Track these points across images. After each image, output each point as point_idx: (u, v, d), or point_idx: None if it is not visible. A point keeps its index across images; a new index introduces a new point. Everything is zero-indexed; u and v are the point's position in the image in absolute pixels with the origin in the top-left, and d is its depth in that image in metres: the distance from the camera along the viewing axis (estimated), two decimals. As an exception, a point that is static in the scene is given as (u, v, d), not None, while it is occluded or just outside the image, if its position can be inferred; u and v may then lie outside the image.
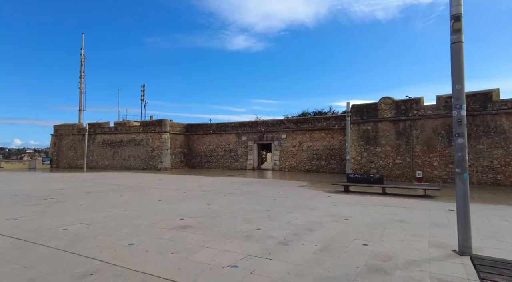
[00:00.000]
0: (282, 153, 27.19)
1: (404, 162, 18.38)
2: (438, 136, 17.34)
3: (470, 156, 16.26)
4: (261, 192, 12.40)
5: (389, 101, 19.36)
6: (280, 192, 12.42)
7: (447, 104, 17.24)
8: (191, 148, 32.72)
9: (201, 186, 14.86)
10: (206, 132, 31.85)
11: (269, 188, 14.05)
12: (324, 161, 25.08)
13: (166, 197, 11.00)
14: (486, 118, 16.03)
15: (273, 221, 7.04)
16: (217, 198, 10.86)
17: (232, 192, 12.38)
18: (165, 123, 29.72)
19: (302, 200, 10.43)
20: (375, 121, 19.76)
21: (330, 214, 7.86)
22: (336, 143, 24.76)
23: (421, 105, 18.13)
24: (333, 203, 9.82)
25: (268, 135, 28.12)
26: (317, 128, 25.55)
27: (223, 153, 30.59)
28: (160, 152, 29.16)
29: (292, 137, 26.81)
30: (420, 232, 6.10)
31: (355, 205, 9.42)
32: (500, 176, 15.41)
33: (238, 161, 29.56)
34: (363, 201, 10.26)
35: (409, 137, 18.33)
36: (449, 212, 8.18)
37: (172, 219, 7.29)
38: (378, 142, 19.49)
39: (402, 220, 7.14)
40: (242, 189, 13.61)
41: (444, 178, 16.91)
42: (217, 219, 7.29)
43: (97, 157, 31.88)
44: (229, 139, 30.47)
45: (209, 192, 12.38)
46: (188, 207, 9.01)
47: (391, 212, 8.27)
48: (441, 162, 17.11)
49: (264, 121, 28.90)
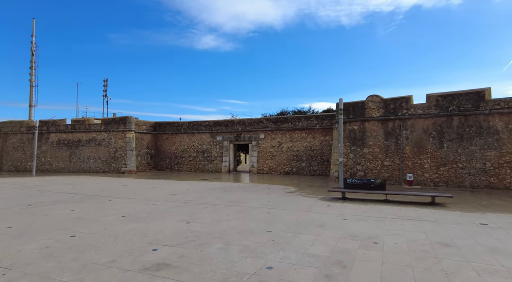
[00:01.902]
0: (260, 154, 25.40)
1: (393, 164, 17.34)
2: (429, 137, 16.46)
3: (462, 157, 15.50)
4: (248, 202, 10.47)
5: (377, 99, 18.28)
6: (270, 201, 10.57)
7: (438, 103, 16.41)
8: (159, 148, 29.93)
9: (174, 193, 12.62)
10: (176, 132, 29.25)
11: (255, 195, 12.15)
12: (305, 162, 23.65)
13: (132, 211, 8.71)
14: (478, 119, 15.34)
15: (283, 250, 5.16)
16: (197, 211, 8.77)
17: (213, 202, 10.32)
18: (130, 121, 26.75)
19: (301, 212, 8.66)
20: (362, 120, 18.59)
21: (350, 235, 6.14)
22: (317, 144, 23.44)
23: (411, 104, 17.19)
24: (339, 215, 8.15)
25: (246, 135, 26.20)
26: (298, 128, 24.08)
27: (196, 154, 28.21)
28: (124, 153, 26.16)
29: (271, 137, 25.12)
30: (486, 262, 4.54)
31: (368, 218, 7.81)
32: (494, 178, 14.75)
33: (212, 163, 27.35)
34: (371, 212, 8.71)
35: (398, 138, 17.33)
36: (487, 228, 6.81)
37: (141, 250, 5.16)
38: (366, 143, 18.33)
39: (446, 244, 5.58)
40: (224, 197, 11.58)
41: (435, 181, 16.03)
42: (204, 249, 5.27)
43: (51, 159, 28.08)
44: (202, 139, 28.15)
45: (186, 203, 10.23)
46: (162, 226, 6.87)
47: (418, 228, 6.74)
48: (432, 164, 16.23)
49: (241, 120, 26.95)
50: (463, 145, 15.54)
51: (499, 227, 6.91)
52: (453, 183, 15.57)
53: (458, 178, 15.47)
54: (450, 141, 15.88)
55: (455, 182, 15.53)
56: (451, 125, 15.93)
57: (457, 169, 15.57)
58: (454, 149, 15.74)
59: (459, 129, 15.72)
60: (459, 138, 15.68)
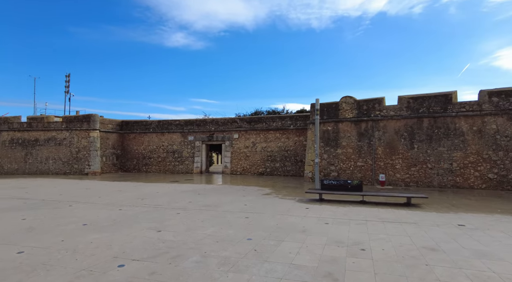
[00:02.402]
0: (234, 155, 24.84)
1: (366, 165, 17.55)
2: (401, 138, 16.83)
3: (431, 158, 15.98)
4: (224, 205, 9.92)
5: (351, 100, 18.43)
6: (246, 204, 10.09)
7: (409, 105, 16.82)
8: (126, 148, 28.39)
9: (142, 197, 11.75)
10: (144, 131, 27.89)
11: (230, 198, 11.62)
12: (279, 163, 23.45)
13: (95, 219, 7.85)
14: (446, 121, 15.89)
15: (268, 262, 4.70)
16: (169, 217, 8.09)
17: (186, 207, 9.66)
18: (94, 119, 25.06)
19: (280, 215, 8.27)
20: (336, 121, 18.67)
21: (335, 241, 5.83)
22: (291, 144, 23.33)
23: (383, 105, 17.50)
24: (320, 219, 7.86)
25: (219, 135, 25.51)
26: (272, 128, 23.82)
27: (165, 154, 27.06)
28: (87, 153, 24.45)
29: (245, 137, 24.66)
30: (476, 269, 4.38)
31: (349, 221, 7.58)
32: (459, 178, 15.34)
33: (183, 164, 26.37)
34: (351, 214, 8.52)
35: (371, 138, 17.57)
36: (465, 229, 6.80)
37: (105, 267, 4.47)
38: (339, 143, 18.42)
39: (432, 248, 5.41)
40: (197, 201, 10.93)
41: (406, 181, 16.41)
42: (179, 263, 4.68)
43: (3, 159, 25.61)
44: (172, 139, 27.06)
45: (155, 208, 9.47)
46: (129, 236, 6.15)
47: (401, 231, 6.58)
48: (403, 165, 16.60)
49: (214, 119, 26.23)
50: (432, 145, 16.04)
51: (476, 228, 6.94)
52: (422, 183, 16.01)
53: (428, 178, 15.94)
54: (420, 142, 16.32)
55: (424, 182, 15.98)
56: (421, 127, 16.39)
57: (426, 169, 16.03)
58: (424, 149, 16.20)
59: (428, 130, 16.20)
60: (428, 139, 16.15)
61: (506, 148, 14.66)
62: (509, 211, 9.28)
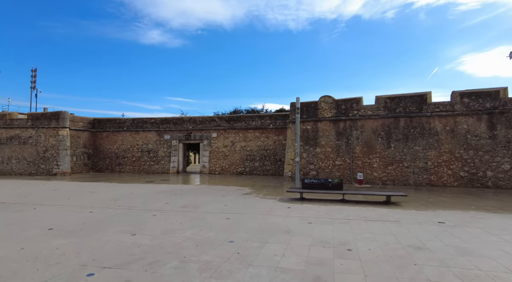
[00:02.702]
0: (212, 154, 24.34)
1: (344, 163, 17.71)
2: (378, 137, 17.11)
3: (407, 157, 16.35)
4: (203, 206, 9.53)
5: (330, 100, 18.53)
6: (227, 205, 9.76)
7: (386, 105, 17.13)
8: (98, 147, 27.10)
9: (115, 198, 11.10)
10: (118, 129, 26.74)
11: (209, 198, 11.23)
12: (258, 162, 23.24)
13: (62, 222, 7.23)
14: (422, 120, 16.32)
15: (252, 265, 4.41)
16: (144, 220, 7.61)
17: (162, 209, 9.18)
18: (63, 117, 23.68)
19: (262, 215, 8.02)
20: (315, 120, 18.71)
21: (320, 241, 5.64)
22: (271, 143, 23.19)
23: (361, 105, 17.72)
24: (302, 218, 7.68)
25: (197, 134, 24.91)
26: (251, 127, 23.56)
27: (140, 153, 26.09)
28: (56, 153, 23.05)
29: (224, 136, 24.23)
30: (463, 267, 4.33)
31: (332, 221, 7.46)
32: (433, 176, 15.80)
33: (159, 163, 25.53)
34: (333, 213, 8.42)
35: (349, 138, 17.74)
36: (445, 226, 6.85)
37: (71, 277, 4.00)
38: (318, 143, 18.47)
39: (418, 246, 5.35)
40: (174, 202, 10.46)
41: (383, 179, 16.70)
42: (156, 269, 4.29)
43: (-41, 159, 23.61)
44: (148, 138, 26.13)
45: (130, 210, 8.92)
46: (100, 241, 5.66)
47: (384, 230, 6.52)
48: (380, 163, 16.88)
49: (192, 118, 25.57)
50: (408, 145, 16.42)
51: (455, 225, 7.02)
52: (399, 181, 16.36)
53: (404, 177, 16.30)
54: (397, 141, 16.67)
55: (401, 180, 16.33)
56: (397, 126, 16.74)
57: (402, 168, 16.39)
58: (400, 148, 16.55)
59: (405, 130, 16.57)
60: (405, 138, 16.53)
61: (476, 147, 15.25)
62: (482, 207, 9.56)
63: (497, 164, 14.83)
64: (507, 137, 14.81)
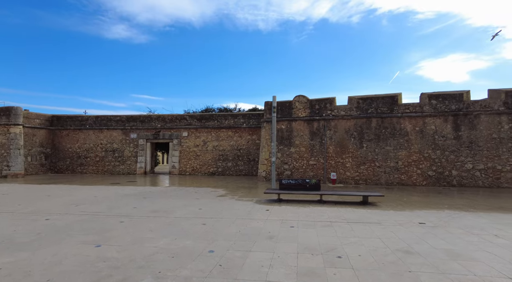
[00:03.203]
0: (183, 154, 23.40)
1: (318, 163, 17.70)
2: (351, 137, 17.28)
3: (379, 156, 16.65)
4: (176, 210, 8.87)
5: (304, 99, 18.45)
6: (201, 208, 9.17)
7: (359, 105, 17.34)
8: (57, 147, 25.08)
9: (77, 203, 10.07)
10: (80, 127, 24.92)
11: (182, 202, 10.54)
12: (231, 162, 22.69)
13: (11, 233, 6.27)
14: (393, 121, 16.70)
15: (238, 280, 3.94)
16: (110, 227, 6.83)
17: (130, 214, 8.39)
18: (15, 113, 21.55)
19: (241, 220, 7.54)
20: (290, 120, 18.54)
21: (307, 248, 5.29)
22: (244, 143, 22.74)
23: (334, 105, 17.80)
24: (284, 221, 7.32)
25: (166, 133, 23.82)
26: (224, 126, 22.95)
27: (104, 153, 24.49)
28: (7, 152, 20.91)
29: (195, 135, 23.39)
30: (458, 272, 4.17)
31: (314, 224, 7.17)
32: (404, 176, 16.22)
33: (125, 164, 24.13)
34: (313, 215, 8.15)
35: (323, 137, 17.75)
36: (427, 227, 6.81)
37: (19, 305, 3.28)
38: (292, 142, 18.31)
39: (406, 251, 5.17)
40: (143, 206, 9.67)
41: (356, 179, 16.89)
42: (126, 289, 3.68)
43: None
44: (113, 136, 24.59)
45: (93, 216, 8.05)
46: (57, 256, 4.88)
47: (369, 233, 6.33)
48: (353, 163, 17.06)
49: (161, 116, 24.42)
50: (380, 145, 16.72)
51: (435, 226, 7.02)
52: (371, 180, 16.62)
53: (376, 176, 16.58)
54: (369, 141, 16.92)
55: (373, 179, 16.60)
56: (370, 127, 17.00)
57: (374, 167, 16.66)
58: (372, 148, 16.82)
59: (376, 130, 16.87)
60: (376, 139, 16.81)
61: (442, 147, 15.86)
62: (454, 206, 9.80)
63: (461, 163, 15.52)
64: (470, 138, 15.55)
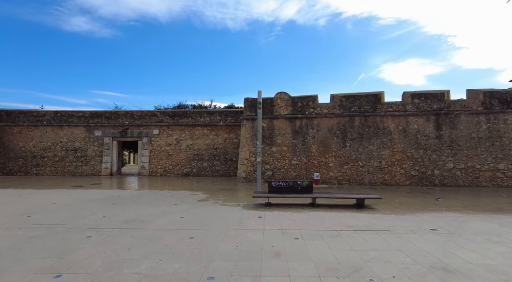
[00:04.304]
0: (153, 153, 21.69)
1: (301, 163, 16.99)
2: (334, 136, 16.75)
3: (362, 156, 16.27)
4: (153, 219, 7.58)
5: (286, 97, 17.65)
6: (184, 217, 7.95)
7: (342, 104, 16.85)
8: (7, 145, 22.26)
9: (29, 212, 8.41)
10: (36, 124, 22.29)
11: (159, 208, 9.23)
12: (207, 162, 21.39)
13: None
14: (376, 120, 16.39)
15: (262, 327, 2.90)
16: (74, 245, 5.47)
17: (99, 225, 7.00)
18: (-44, 106, 18.64)
19: (234, 231, 6.47)
20: (271, 118, 17.66)
21: (327, 268, 4.36)
22: (221, 142, 21.53)
23: (317, 103, 17.20)
24: (284, 232, 6.37)
25: (134, 130, 21.95)
26: (199, 124, 21.58)
27: (65, 152, 22.12)
28: None
29: (167, 133, 21.77)
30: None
31: (319, 233, 6.29)
32: (387, 176, 15.96)
33: (88, 164, 21.94)
34: (314, 222, 7.29)
35: (305, 136, 17.08)
36: (443, 235, 6.18)
37: None
38: (274, 141, 17.45)
39: (443, 268, 4.42)
40: (114, 214, 8.26)
41: (339, 179, 16.38)
42: None
43: None
44: (74, 134, 22.27)
45: (52, 230, 6.57)
46: (-1, 296, 3.54)
47: (387, 245, 5.55)
48: (336, 163, 16.54)
49: (129, 112, 22.49)
50: (363, 144, 16.34)
51: (450, 233, 6.43)
52: (355, 180, 16.19)
53: (359, 176, 16.18)
54: (352, 140, 16.49)
55: (356, 179, 16.18)
56: (353, 125, 16.57)
57: (358, 167, 16.26)
58: (355, 148, 16.40)
59: (360, 129, 16.47)
60: (360, 138, 16.42)
61: (425, 147, 15.80)
62: (451, 207, 9.43)
63: (443, 163, 15.54)
64: (451, 138, 15.61)
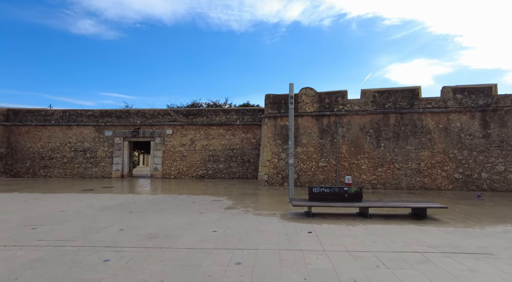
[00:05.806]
0: (166, 154, 20.40)
1: (329, 165, 15.50)
2: (366, 135, 15.23)
3: (399, 157, 14.72)
4: (182, 234, 6.19)
5: (312, 92, 16.19)
6: (217, 231, 6.55)
7: (375, 99, 15.34)
8: (15, 146, 21.21)
9: (34, 223, 7.11)
10: (44, 123, 21.20)
11: (183, 217, 7.85)
12: (223, 163, 20.02)
13: None
14: (413, 117, 14.83)
15: None
16: (87, 276, 4.10)
17: (116, 242, 5.63)
18: (-40, 105, 17.60)
19: (288, 253, 5.05)
20: (295, 116, 16.16)
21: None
22: (238, 142, 20.15)
23: (347, 99, 15.70)
24: (354, 255, 4.93)
25: (147, 130, 20.71)
26: (215, 123, 20.23)
27: (74, 153, 20.97)
28: None
29: (181, 133, 20.47)
30: None
31: (401, 258, 4.84)
32: (427, 179, 14.38)
33: (98, 166, 20.75)
34: (384, 242, 5.83)
35: (334, 136, 15.58)
36: None
37: None
38: (299, 141, 16.00)
39: None
40: (132, 226, 6.90)
41: (373, 182, 14.85)
42: None
43: None
44: (83, 134, 21.11)
45: (59, 249, 5.22)
46: None
47: (505, 279, 4.08)
48: (369, 165, 15.01)
49: (141, 111, 21.26)
50: (399, 144, 14.79)
51: None
52: (390, 184, 14.64)
53: (395, 179, 14.63)
54: (387, 139, 14.95)
55: (392, 183, 14.63)
56: (387, 123, 15.03)
57: (394, 169, 14.71)
58: (391, 148, 14.86)
59: (395, 127, 14.93)
60: (395, 137, 14.88)
61: (470, 147, 14.19)
62: (529, 219, 7.88)
63: (492, 165, 13.90)
64: (501, 137, 13.98)
